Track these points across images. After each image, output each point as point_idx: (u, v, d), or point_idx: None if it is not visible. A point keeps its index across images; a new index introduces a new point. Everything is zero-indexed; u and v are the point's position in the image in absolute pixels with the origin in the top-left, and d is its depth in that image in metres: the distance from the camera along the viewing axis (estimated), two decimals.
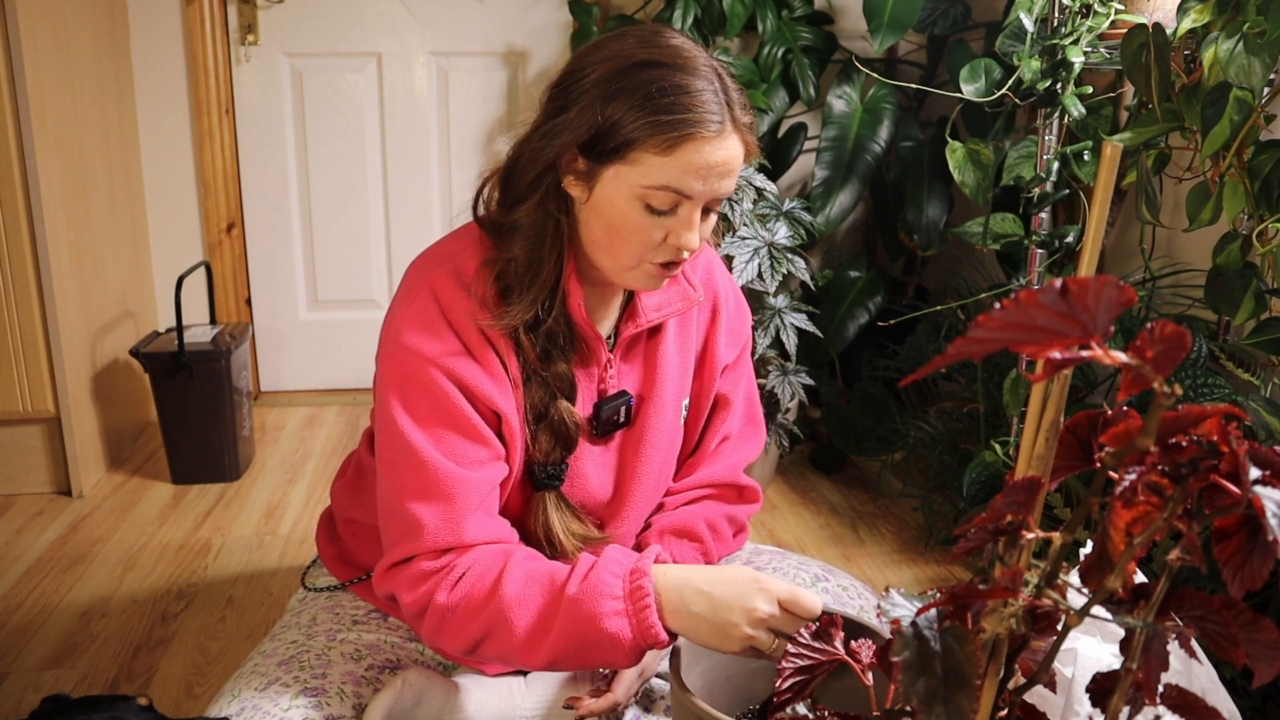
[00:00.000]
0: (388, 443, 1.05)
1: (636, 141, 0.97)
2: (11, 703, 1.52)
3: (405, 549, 1.03)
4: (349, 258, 2.90)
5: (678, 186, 0.98)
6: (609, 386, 1.14)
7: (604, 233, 1.03)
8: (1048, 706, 0.75)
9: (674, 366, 1.19)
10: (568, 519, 1.12)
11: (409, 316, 1.05)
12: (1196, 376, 1.54)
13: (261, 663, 1.14)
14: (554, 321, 1.07)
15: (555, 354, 1.08)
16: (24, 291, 2.12)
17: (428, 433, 1.03)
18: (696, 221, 1.01)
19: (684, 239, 1.01)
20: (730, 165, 1.00)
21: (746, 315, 1.29)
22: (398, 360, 1.05)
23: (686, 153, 0.97)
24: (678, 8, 2.38)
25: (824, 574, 1.25)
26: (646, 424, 1.17)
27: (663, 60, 0.98)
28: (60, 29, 2.21)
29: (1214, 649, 0.53)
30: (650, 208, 1.00)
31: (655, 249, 1.02)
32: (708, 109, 0.97)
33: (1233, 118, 1.39)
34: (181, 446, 2.33)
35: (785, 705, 0.73)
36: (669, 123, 0.96)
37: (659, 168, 0.98)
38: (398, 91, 2.83)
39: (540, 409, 1.08)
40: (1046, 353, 0.42)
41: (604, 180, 1.01)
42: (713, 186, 1.00)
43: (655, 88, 0.97)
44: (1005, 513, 0.54)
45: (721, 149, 0.98)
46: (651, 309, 1.14)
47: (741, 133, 1.01)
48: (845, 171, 2.34)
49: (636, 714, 1.11)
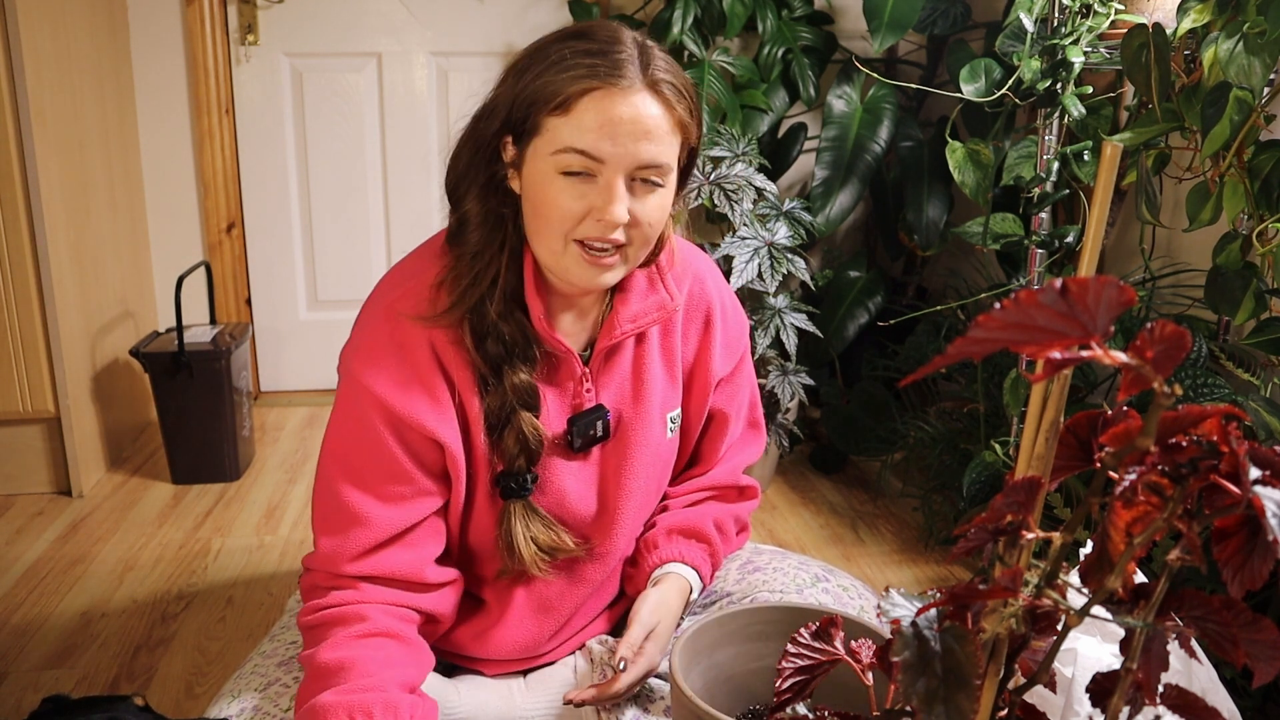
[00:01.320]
0: (318, 469, 1.08)
1: (537, 106, 0.96)
2: (11, 703, 1.52)
3: (312, 562, 1.07)
4: (349, 258, 2.90)
5: (582, 146, 0.95)
6: (584, 401, 1.12)
7: (531, 214, 1.01)
8: (1048, 706, 0.75)
9: (658, 380, 1.16)
10: (534, 528, 1.09)
11: (357, 342, 1.06)
12: (1196, 376, 1.54)
13: (261, 663, 1.14)
14: (508, 328, 1.04)
15: (513, 364, 1.05)
16: (24, 291, 2.12)
17: (346, 467, 1.04)
18: (619, 191, 0.97)
19: (608, 211, 0.96)
20: (643, 124, 0.95)
21: (743, 324, 1.26)
22: (342, 386, 1.07)
23: (584, 108, 0.95)
24: (678, 8, 2.38)
25: (824, 574, 1.25)
26: (629, 438, 1.14)
27: (578, 33, 0.99)
28: (60, 29, 2.21)
29: (1214, 649, 0.53)
30: (566, 173, 0.97)
31: (578, 223, 0.98)
32: (610, 67, 0.95)
33: (1233, 118, 1.39)
34: (181, 446, 2.33)
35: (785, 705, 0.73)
36: (565, 79, 0.95)
37: (562, 128, 0.96)
38: (398, 91, 2.83)
39: (502, 418, 1.05)
40: (1046, 353, 0.42)
41: (526, 161, 1.00)
42: (626, 148, 0.95)
43: (559, 56, 0.96)
44: (1005, 513, 0.54)
45: (626, 105, 0.95)
46: (627, 320, 1.10)
47: (660, 94, 0.97)
48: (845, 171, 2.34)
49: (636, 714, 1.11)
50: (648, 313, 1.12)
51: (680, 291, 1.15)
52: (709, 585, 1.25)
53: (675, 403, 1.19)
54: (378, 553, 1.04)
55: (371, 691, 0.94)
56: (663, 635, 1.12)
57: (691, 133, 1.03)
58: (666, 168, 0.99)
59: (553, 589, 1.16)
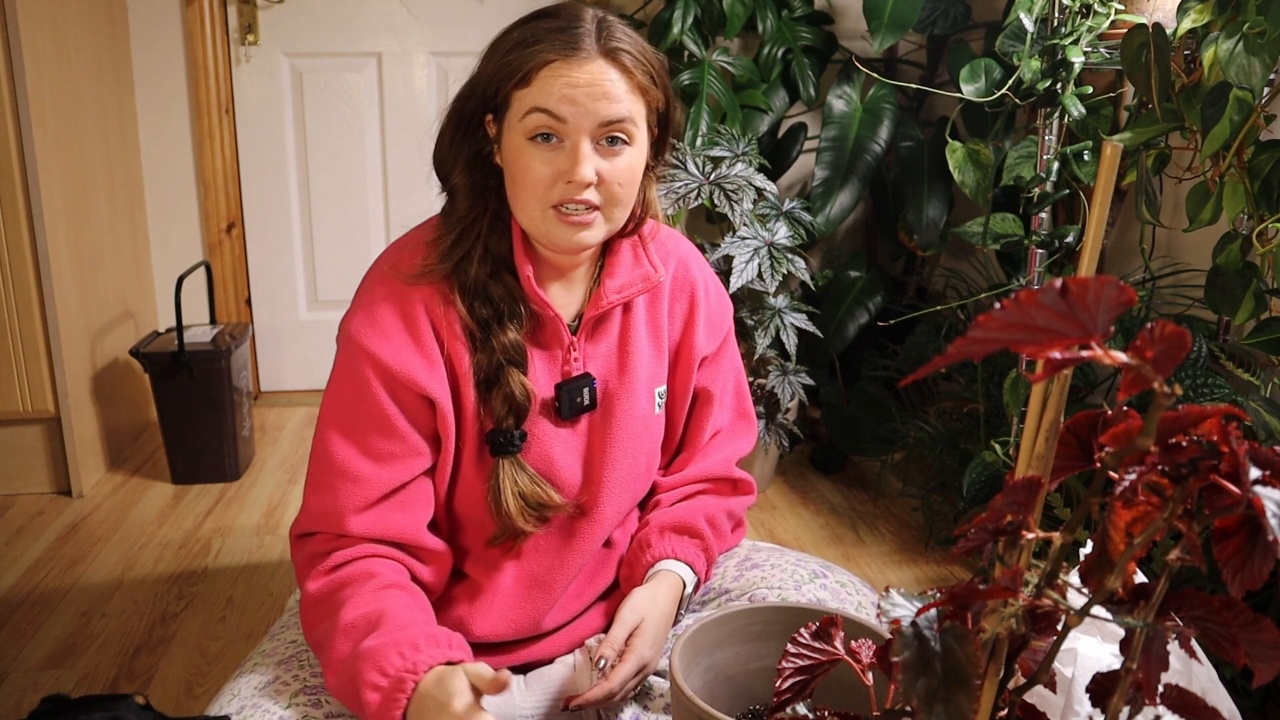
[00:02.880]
0: (317, 426, 1.13)
1: (504, 81, 1.03)
2: (11, 703, 1.52)
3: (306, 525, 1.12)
4: (349, 258, 2.90)
5: (544, 106, 1.01)
6: (572, 369, 1.15)
7: (512, 186, 1.07)
8: (1048, 706, 0.75)
9: (645, 353, 1.19)
10: (521, 482, 1.12)
11: (355, 305, 1.13)
12: (1196, 376, 1.54)
13: (261, 662, 1.14)
14: (498, 290, 1.09)
15: (503, 322, 1.10)
16: (24, 291, 2.12)
17: (343, 424, 1.09)
18: (584, 151, 1.02)
19: (575, 172, 1.02)
20: (600, 86, 1.01)
21: (727, 306, 1.29)
22: (341, 348, 1.12)
23: (544, 79, 1.01)
24: (678, 8, 2.38)
25: (822, 570, 1.25)
26: (615, 408, 1.17)
27: (545, 13, 1.05)
28: (60, 29, 2.21)
29: (1214, 649, 0.53)
30: (534, 140, 1.03)
31: (550, 188, 1.04)
32: (567, 40, 1.02)
33: (1233, 118, 1.39)
34: (181, 446, 2.33)
35: (785, 705, 0.73)
36: (527, 54, 1.02)
37: (525, 97, 1.02)
38: (398, 91, 2.83)
39: (491, 375, 1.10)
40: (1046, 353, 0.42)
41: (504, 135, 1.06)
42: (585, 108, 1.01)
43: (523, 35, 1.04)
44: (1005, 513, 0.54)
45: (581, 71, 1.01)
46: (613, 291, 1.15)
47: (617, 60, 1.03)
48: (845, 171, 2.34)
49: (636, 713, 1.11)
50: (633, 284, 1.16)
51: (665, 265, 1.20)
52: (706, 581, 1.25)
53: (662, 378, 1.22)
54: (372, 510, 1.08)
55: (412, 626, 0.99)
56: (651, 632, 1.12)
57: (654, 96, 1.07)
58: (630, 123, 1.04)
59: (543, 563, 1.17)
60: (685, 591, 1.19)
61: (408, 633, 0.98)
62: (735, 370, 1.31)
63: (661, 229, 1.23)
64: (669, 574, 1.19)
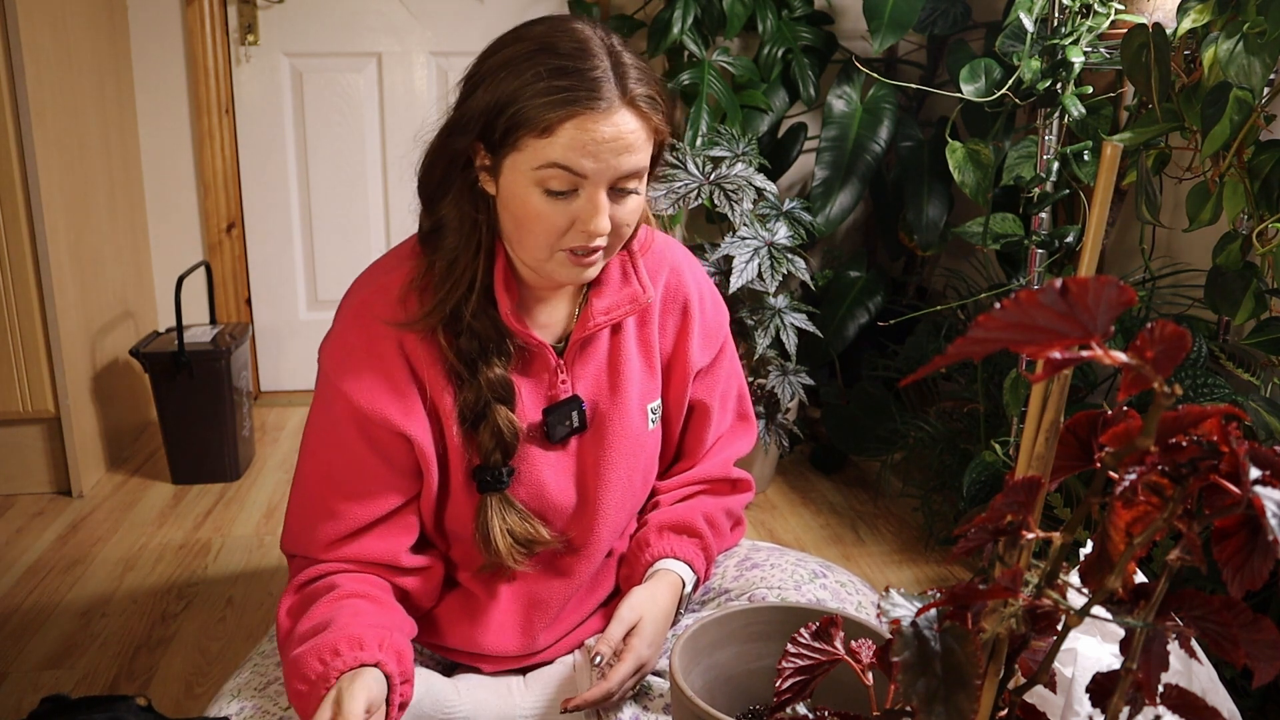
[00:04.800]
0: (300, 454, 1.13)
1: (519, 126, 0.97)
2: (11, 703, 1.52)
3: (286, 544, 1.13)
4: (349, 258, 2.90)
5: (565, 164, 0.97)
6: (559, 392, 1.13)
7: (513, 225, 1.03)
8: (1048, 706, 0.75)
9: (636, 371, 1.17)
10: (509, 520, 1.11)
11: (331, 339, 1.11)
12: (1196, 376, 1.54)
13: (261, 663, 1.14)
14: (479, 324, 1.06)
15: (488, 359, 1.07)
16: (24, 291, 2.12)
17: (319, 459, 1.10)
18: (602, 203, 0.99)
19: (591, 223, 0.99)
20: (623, 140, 0.98)
21: (723, 316, 1.27)
22: (319, 382, 1.11)
23: (567, 131, 0.96)
24: (678, 8, 2.38)
25: (822, 570, 1.25)
26: (607, 428, 1.15)
27: (552, 45, 0.98)
28: (60, 29, 2.21)
29: (1214, 649, 0.53)
30: (549, 191, 0.99)
31: (563, 235, 1.01)
32: (589, 87, 0.96)
33: (1233, 118, 1.39)
34: (181, 446, 2.33)
35: (785, 705, 0.73)
36: (546, 104, 0.96)
37: (544, 148, 0.97)
38: (398, 91, 2.83)
39: (477, 412, 1.07)
40: (1046, 353, 0.42)
41: (504, 172, 1.01)
42: (607, 163, 0.98)
43: (536, 72, 0.97)
44: (1005, 513, 0.54)
45: (607, 124, 0.97)
46: (600, 312, 1.12)
47: (637, 109, 0.99)
48: (845, 171, 2.34)
49: (636, 713, 1.11)
50: (621, 305, 1.14)
51: (655, 283, 1.17)
52: (705, 580, 1.25)
53: (655, 394, 1.20)
54: (349, 542, 1.08)
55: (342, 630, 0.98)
56: (649, 631, 1.12)
57: (664, 133, 1.04)
58: (642, 172, 1.02)
59: (539, 585, 1.17)
60: (685, 590, 1.19)
61: (330, 636, 0.98)
62: (733, 376, 1.29)
63: (655, 238, 1.20)
64: (668, 573, 1.18)
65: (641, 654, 1.11)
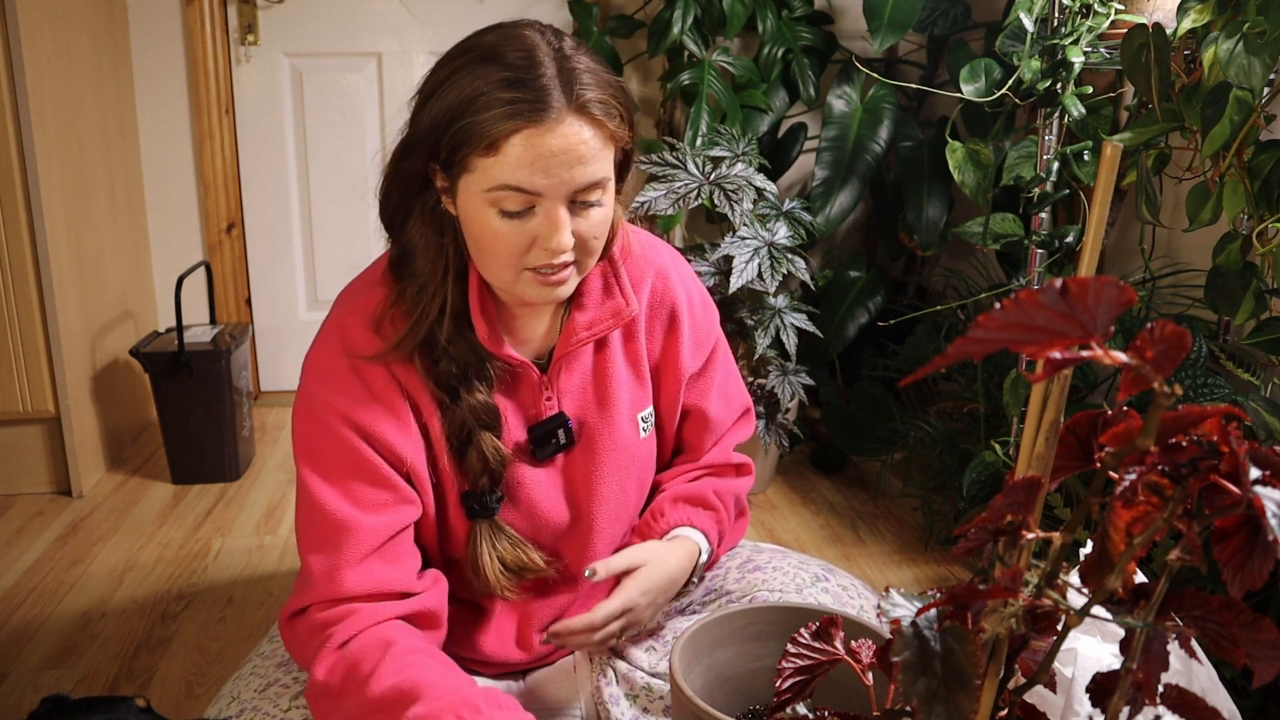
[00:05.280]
0: (298, 490, 1.05)
1: (464, 144, 0.93)
2: (11, 703, 1.52)
3: (300, 599, 1.02)
4: (349, 258, 2.90)
5: (516, 183, 0.92)
6: (544, 410, 1.10)
7: (475, 249, 0.99)
8: (1048, 706, 0.75)
9: (624, 382, 1.13)
10: (500, 547, 1.08)
11: (316, 358, 1.05)
12: (1196, 376, 1.54)
13: (261, 664, 1.14)
14: (456, 349, 1.02)
15: (469, 384, 1.03)
16: (24, 291, 2.12)
17: (326, 479, 1.02)
18: (561, 219, 0.95)
19: (552, 240, 0.95)
20: (574, 152, 0.92)
21: (712, 316, 1.23)
22: (304, 404, 1.05)
23: (514, 146, 0.91)
24: (678, 8, 2.38)
25: (824, 573, 1.24)
26: (596, 442, 1.12)
27: (498, 55, 0.93)
28: (60, 29, 2.21)
29: (1214, 649, 0.53)
30: (504, 212, 0.95)
31: (524, 255, 0.97)
32: (533, 97, 0.91)
33: (1233, 118, 1.39)
34: (181, 446, 2.33)
35: (785, 705, 0.73)
36: (489, 119, 0.91)
37: (492, 168, 0.93)
38: (398, 91, 2.83)
39: (463, 438, 1.04)
40: (1046, 353, 0.42)
41: (459, 193, 0.97)
42: (560, 178, 0.93)
43: (476, 86, 0.92)
44: (1005, 513, 0.54)
45: (554, 136, 0.91)
46: (583, 328, 1.09)
47: (589, 115, 0.93)
48: (845, 171, 2.34)
49: (636, 714, 1.11)
50: (604, 319, 1.10)
51: (639, 290, 1.13)
52: (717, 556, 1.22)
53: (646, 402, 1.17)
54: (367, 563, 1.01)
55: (460, 690, 0.93)
56: (647, 577, 1.08)
57: (622, 138, 0.99)
58: (604, 182, 0.97)
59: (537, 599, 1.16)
60: (700, 559, 1.16)
61: (464, 694, 0.92)
62: (728, 374, 1.27)
63: (636, 239, 1.15)
64: (685, 539, 1.15)
65: (632, 597, 1.07)
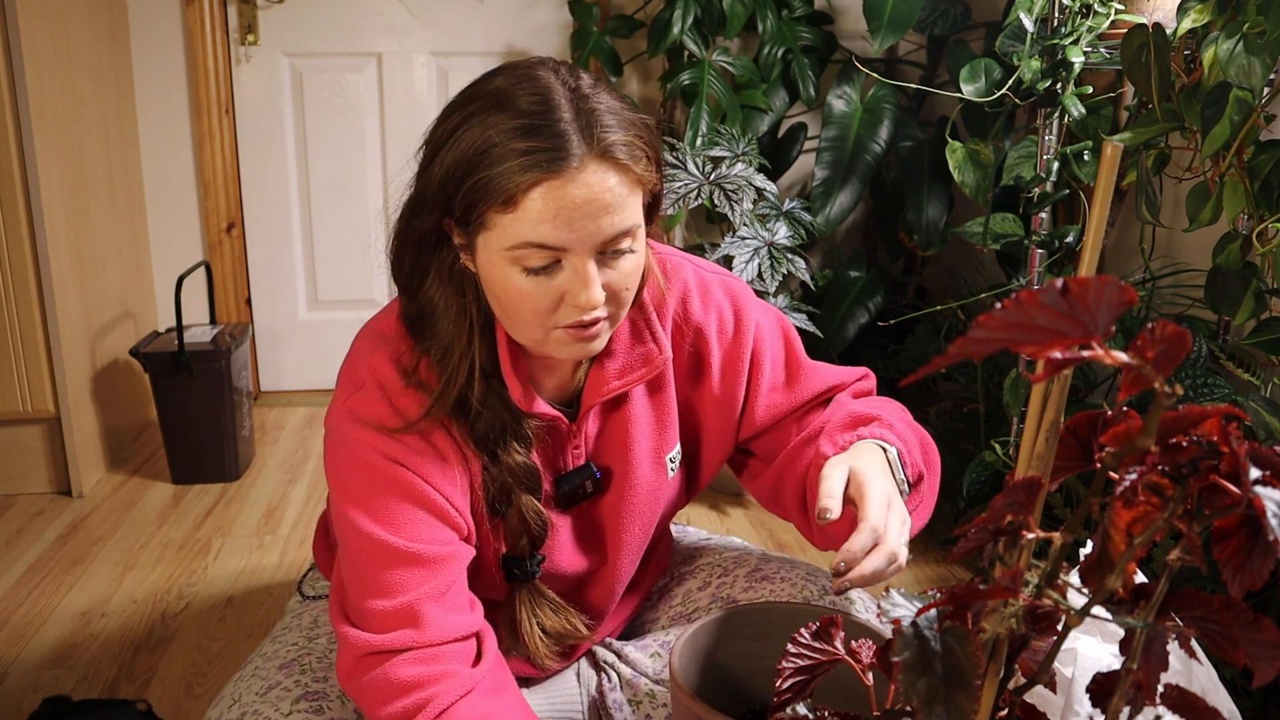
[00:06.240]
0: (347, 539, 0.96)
1: (481, 201, 0.87)
2: (11, 703, 1.52)
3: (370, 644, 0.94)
4: (349, 258, 2.90)
5: (539, 240, 0.86)
6: (571, 460, 1.06)
7: (499, 309, 0.93)
8: (1048, 706, 0.75)
9: (650, 428, 1.08)
10: (541, 613, 1.04)
11: (358, 406, 0.97)
12: (1197, 376, 1.54)
13: (262, 665, 1.13)
14: (490, 410, 0.96)
15: (506, 444, 0.98)
16: (24, 291, 2.12)
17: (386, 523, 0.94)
18: (590, 274, 0.88)
19: (581, 297, 0.88)
20: (599, 201, 0.86)
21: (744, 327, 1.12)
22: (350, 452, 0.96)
23: (534, 201, 0.85)
24: (678, 8, 2.38)
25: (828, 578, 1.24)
26: (624, 490, 1.08)
27: (509, 101, 0.87)
28: (60, 29, 2.21)
29: (1214, 649, 0.53)
30: (528, 269, 0.88)
31: (553, 313, 0.90)
32: (552, 146, 0.84)
33: (1233, 118, 1.39)
34: (181, 446, 2.33)
35: (785, 705, 0.73)
36: (504, 172, 0.84)
37: (511, 225, 0.86)
38: (398, 91, 2.83)
39: (501, 500, 1.00)
40: (1047, 353, 0.42)
41: (479, 251, 0.91)
42: (585, 230, 0.86)
43: (489, 136, 0.86)
44: (1005, 513, 0.54)
45: (577, 186, 0.85)
46: (613, 375, 1.03)
47: (614, 160, 0.86)
48: (845, 171, 2.34)
49: (636, 715, 1.11)
50: (634, 367, 1.04)
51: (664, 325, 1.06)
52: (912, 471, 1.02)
53: (673, 443, 1.11)
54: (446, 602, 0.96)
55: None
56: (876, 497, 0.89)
57: (650, 179, 0.92)
58: (634, 230, 0.90)
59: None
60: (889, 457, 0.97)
61: None
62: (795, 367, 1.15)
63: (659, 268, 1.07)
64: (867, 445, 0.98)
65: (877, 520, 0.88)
